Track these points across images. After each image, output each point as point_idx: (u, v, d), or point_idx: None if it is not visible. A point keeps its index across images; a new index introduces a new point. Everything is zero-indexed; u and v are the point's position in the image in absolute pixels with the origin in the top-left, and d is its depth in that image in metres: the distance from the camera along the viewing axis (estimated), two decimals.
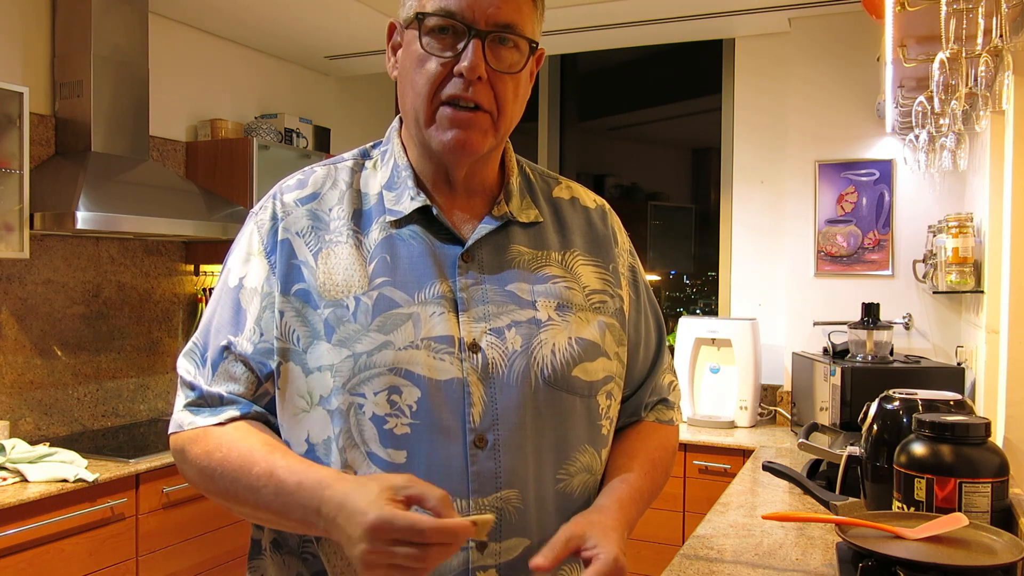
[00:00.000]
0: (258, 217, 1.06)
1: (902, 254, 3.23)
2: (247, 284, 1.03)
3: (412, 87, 1.01)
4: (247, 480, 0.94)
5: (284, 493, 0.91)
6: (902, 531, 1.38)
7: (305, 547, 1.02)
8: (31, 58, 2.90)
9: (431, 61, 0.98)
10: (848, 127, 3.31)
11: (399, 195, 1.05)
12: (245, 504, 0.96)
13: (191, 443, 1.00)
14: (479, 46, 0.96)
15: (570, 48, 3.91)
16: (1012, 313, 1.92)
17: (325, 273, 1.00)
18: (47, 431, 2.93)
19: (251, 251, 1.04)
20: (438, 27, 0.98)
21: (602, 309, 1.08)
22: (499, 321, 1.00)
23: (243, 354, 1.00)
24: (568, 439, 1.02)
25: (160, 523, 2.64)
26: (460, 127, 0.98)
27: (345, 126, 4.32)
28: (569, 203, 1.15)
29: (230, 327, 1.02)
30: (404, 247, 1.02)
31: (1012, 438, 1.93)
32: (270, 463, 0.93)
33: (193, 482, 1.03)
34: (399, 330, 0.97)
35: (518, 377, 0.99)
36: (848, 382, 2.62)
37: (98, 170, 2.81)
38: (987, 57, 1.65)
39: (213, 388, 1.01)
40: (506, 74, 0.99)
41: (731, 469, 2.93)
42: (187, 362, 1.05)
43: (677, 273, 4.68)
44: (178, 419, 1.03)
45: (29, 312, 2.88)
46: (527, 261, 1.06)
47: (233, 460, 0.95)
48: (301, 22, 3.52)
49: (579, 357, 1.03)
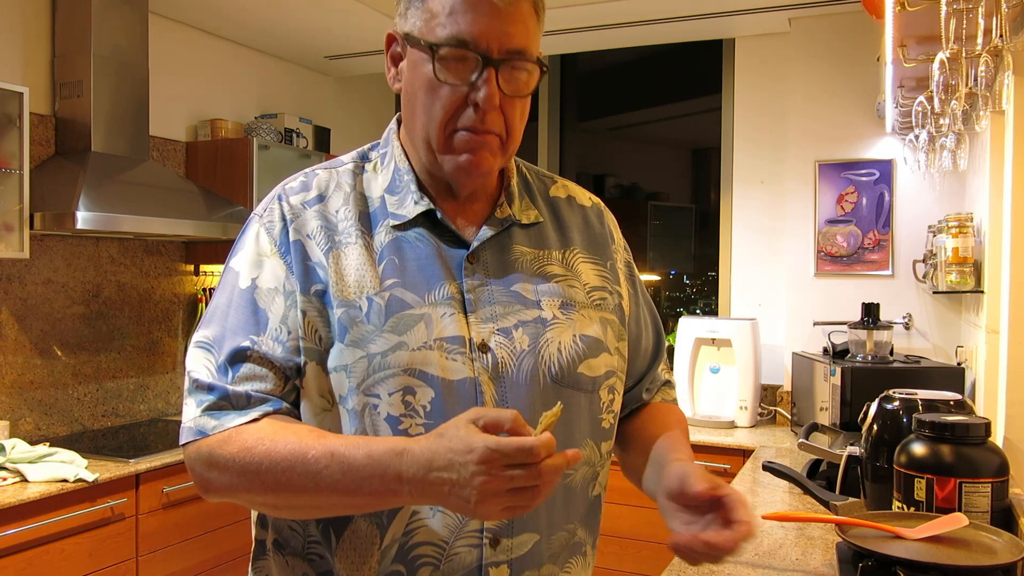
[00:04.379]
0: (264, 219, 1.05)
1: (902, 254, 3.23)
2: (262, 285, 1.01)
3: (426, 113, 1.00)
4: (304, 466, 0.90)
5: (353, 469, 0.88)
6: (902, 531, 1.38)
7: (311, 548, 1.01)
8: (31, 58, 2.90)
9: (444, 89, 0.98)
10: (848, 127, 3.31)
11: (402, 199, 1.05)
12: (301, 492, 0.91)
13: (221, 445, 0.95)
14: (493, 75, 0.97)
15: (570, 48, 3.91)
16: (1012, 313, 1.92)
17: (337, 274, 1.00)
18: (47, 431, 2.93)
19: (262, 252, 1.03)
20: (450, 56, 0.97)
21: (603, 306, 1.10)
22: (506, 321, 1.02)
23: (267, 353, 0.98)
24: (573, 435, 1.04)
25: (160, 523, 2.64)
26: (472, 151, 1.00)
27: (345, 126, 4.32)
28: (566, 202, 1.17)
29: (249, 328, 1.00)
30: (411, 249, 1.03)
31: (1012, 438, 1.93)
32: (326, 445, 0.90)
33: (225, 487, 0.96)
34: (412, 331, 0.98)
35: (527, 376, 1.00)
36: (848, 382, 2.62)
37: (98, 170, 2.81)
38: (987, 57, 1.65)
39: (239, 388, 0.98)
40: (516, 98, 1.00)
41: (731, 469, 2.93)
42: (200, 366, 1.00)
43: (677, 273, 4.69)
44: (198, 424, 0.97)
45: (29, 312, 2.88)
46: (529, 261, 1.07)
47: (281, 450, 0.91)
48: (301, 22, 3.52)
49: (584, 354, 1.05)
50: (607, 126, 4.83)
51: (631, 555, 3.09)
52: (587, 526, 1.09)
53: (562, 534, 1.04)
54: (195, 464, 0.98)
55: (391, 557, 0.97)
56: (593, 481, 1.09)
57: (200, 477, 0.98)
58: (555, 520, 1.03)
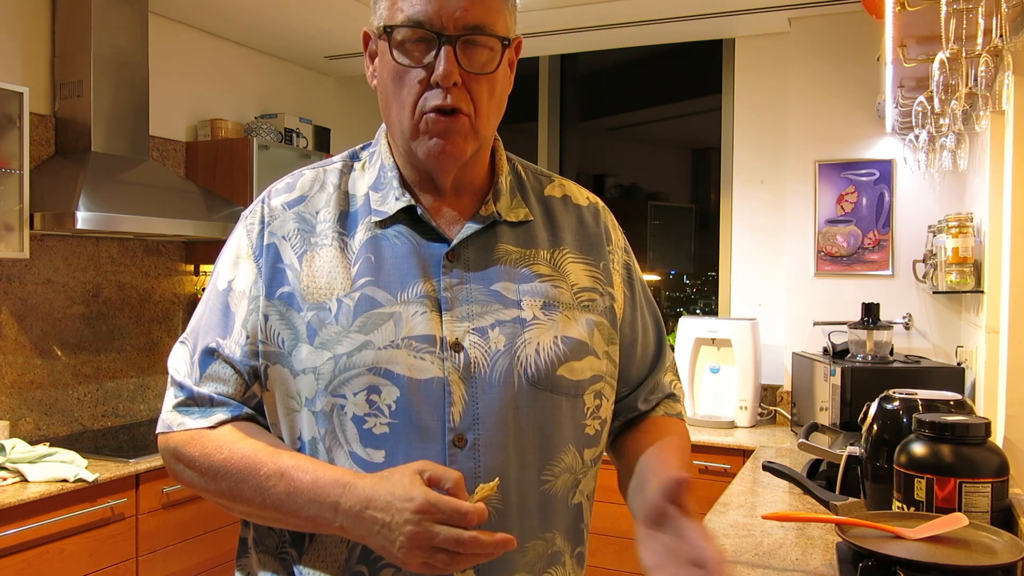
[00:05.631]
0: (247, 221, 1.07)
1: (902, 254, 3.23)
2: (236, 287, 1.03)
3: (396, 101, 1.00)
4: (255, 481, 0.94)
5: (297, 492, 0.91)
6: (902, 531, 1.38)
7: (283, 548, 1.02)
8: (31, 58, 2.90)
9: (408, 74, 0.98)
10: (848, 127, 3.31)
11: (384, 195, 1.04)
12: (250, 504, 0.96)
13: (185, 444, 1.00)
14: (450, 52, 0.96)
15: (570, 48, 3.91)
16: (1012, 313, 1.92)
17: (309, 276, 1.00)
18: (47, 431, 2.93)
19: (240, 254, 1.05)
20: (408, 38, 0.97)
21: (591, 307, 1.07)
22: (483, 320, 1.00)
23: (230, 357, 1.01)
24: (553, 439, 1.01)
25: (160, 523, 2.64)
26: (441, 134, 0.98)
27: (345, 126, 4.32)
28: (561, 201, 1.14)
29: (218, 329, 1.02)
30: (389, 247, 1.02)
31: (1012, 438, 1.93)
32: (279, 464, 0.93)
33: (188, 482, 1.02)
34: (379, 330, 0.97)
35: (500, 377, 0.98)
36: (848, 382, 2.62)
37: (98, 170, 2.81)
38: (987, 57, 1.65)
39: (202, 389, 1.02)
40: (480, 75, 0.98)
41: (731, 469, 2.93)
42: (176, 362, 1.05)
43: (677, 273, 4.68)
44: (167, 419, 1.03)
45: (29, 312, 2.88)
46: (514, 260, 1.05)
47: (236, 462, 0.95)
48: (301, 22, 3.52)
49: (565, 356, 1.01)
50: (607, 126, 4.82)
51: (631, 555, 3.07)
52: (567, 535, 1.05)
53: (538, 543, 1.01)
54: (164, 454, 1.04)
55: (356, 558, 0.96)
56: (574, 489, 1.05)
57: (169, 467, 1.05)
58: (529, 528, 0.99)
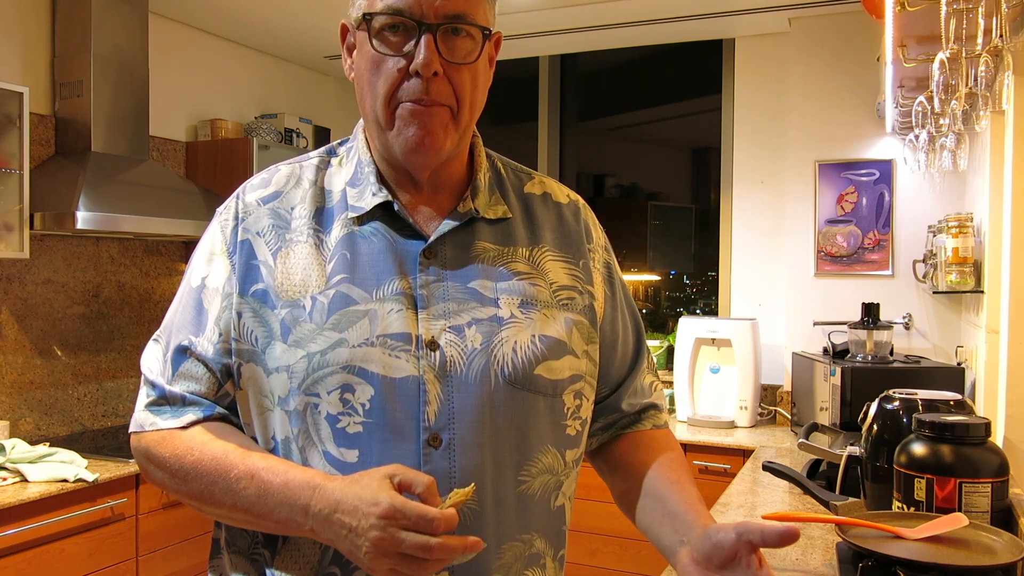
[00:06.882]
0: (222, 217, 1.05)
1: (902, 254, 3.23)
2: (209, 284, 1.02)
3: (370, 91, 0.98)
4: (225, 483, 0.93)
5: (268, 494, 0.90)
6: (902, 531, 1.38)
7: (255, 548, 1.01)
8: (31, 58, 2.90)
9: (386, 63, 0.96)
10: (848, 127, 3.31)
11: (361, 191, 1.03)
12: (220, 506, 0.95)
13: (157, 444, 0.99)
14: (431, 40, 0.94)
15: (570, 48, 3.91)
16: (1012, 313, 1.92)
17: (283, 273, 0.99)
18: (47, 431, 2.93)
19: (214, 251, 1.03)
20: (387, 26, 0.95)
21: (570, 306, 1.05)
22: (459, 319, 0.98)
23: (203, 355, 0.99)
24: (530, 439, 1.00)
25: (160, 523, 2.64)
26: (419, 124, 0.96)
27: (345, 126, 4.32)
28: (541, 198, 1.12)
29: (191, 327, 1.01)
30: (365, 244, 1.00)
31: (1012, 438, 1.93)
32: (249, 465, 0.92)
33: (160, 482, 1.01)
34: (354, 327, 0.95)
35: (477, 375, 0.96)
36: (848, 382, 2.62)
37: (98, 170, 2.81)
38: (987, 57, 1.65)
39: (174, 388, 1.00)
40: (462, 65, 0.97)
41: (731, 469, 2.93)
42: (149, 360, 1.04)
43: (677, 273, 4.68)
44: (139, 419, 1.02)
45: (29, 312, 2.88)
46: (492, 258, 1.03)
47: (207, 463, 0.94)
48: (301, 22, 3.52)
49: (542, 355, 1.00)
50: (607, 126, 4.82)
51: (631, 555, 3.09)
52: (548, 537, 1.03)
53: (515, 544, 0.99)
54: (137, 455, 1.03)
55: (328, 559, 0.95)
56: (556, 491, 1.03)
57: (141, 467, 1.03)
58: (506, 529, 0.98)
